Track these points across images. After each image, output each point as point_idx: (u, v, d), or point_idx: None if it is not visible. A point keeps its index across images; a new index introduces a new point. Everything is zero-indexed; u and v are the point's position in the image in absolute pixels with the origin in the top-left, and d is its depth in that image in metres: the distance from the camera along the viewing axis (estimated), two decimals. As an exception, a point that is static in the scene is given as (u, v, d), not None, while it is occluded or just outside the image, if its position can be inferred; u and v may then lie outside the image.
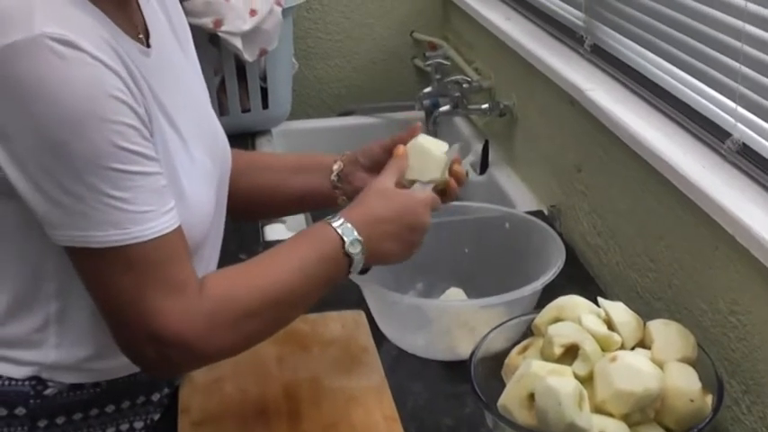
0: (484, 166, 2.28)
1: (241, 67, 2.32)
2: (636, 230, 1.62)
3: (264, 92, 2.40)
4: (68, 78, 1.04)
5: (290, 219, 2.05)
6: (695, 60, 1.53)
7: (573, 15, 2.02)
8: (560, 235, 1.62)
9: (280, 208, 1.61)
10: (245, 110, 2.39)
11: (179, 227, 1.14)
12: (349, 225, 1.24)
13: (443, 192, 1.37)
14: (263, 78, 2.39)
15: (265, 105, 2.41)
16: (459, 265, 1.65)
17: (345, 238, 1.23)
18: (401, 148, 1.37)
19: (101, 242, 1.07)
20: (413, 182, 1.34)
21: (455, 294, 1.60)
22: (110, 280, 1.10)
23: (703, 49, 1.50)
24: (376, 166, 1.40)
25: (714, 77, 1.47)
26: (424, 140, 1.37)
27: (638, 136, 1.54)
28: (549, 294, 1.40)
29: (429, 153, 1.35)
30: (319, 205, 1.51)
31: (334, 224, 1.24)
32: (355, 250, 1.24)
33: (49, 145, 1.04)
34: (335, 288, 1.28)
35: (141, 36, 1.25)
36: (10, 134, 1.05)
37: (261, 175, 1.52)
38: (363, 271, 1.29)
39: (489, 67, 2.42)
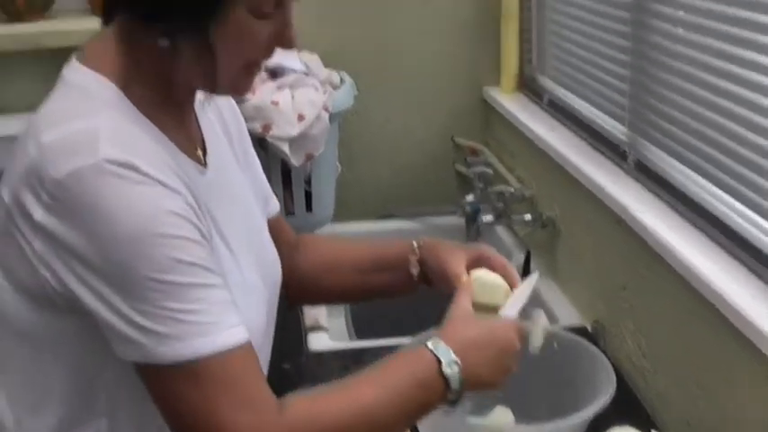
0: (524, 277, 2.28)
1: (287, 170, 2.36)
2: (683, 355, 1.61)
3: (308, 195, 2.43)
4: (128, 198, 1.07)
5: (333, 328, 2.07)
6: (741, 185, 1.55)
7: (616, 129, 2.05)
8: (604, 352, 1.61)
9: (360, 301, 1.67)
10: (290, 213, 2.41)
11: (248, 343, 1.13)
12: (444, 345, 1.22)
13: None
14: (308, 181, 2.42)
15: (309, 208, 2.44)
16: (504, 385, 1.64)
17: (442, 359, 1.20)
18: (465, 276, 1.37)
19: (166, 358, 1.08)
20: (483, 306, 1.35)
21: (502, 414, 1.58)
22: (179, 395, 1.10)
23: (749, 175, 1.52)
24: (442, 279, 1.41)
25: (762, 206, 1.48)
26: (485, 273, 1.38)
27: (685, 261, 1.55)
28: (595, 419, 1.39)
29: (492, 283, 1.37)
30: (399, 296, 1.52)
31: (429, 345, 1.22)
32: (452, 371, 1.20)
33: (112, 263, 1.07)
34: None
35: (199, 153, 1.28)
36: (75, 254, 1.07)
37: (342, 276, 1.52)
38: (453, 402, 1.23)
39: (531, 176, 2.44)
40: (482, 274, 1.38)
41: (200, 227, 1.13)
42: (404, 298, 1.94)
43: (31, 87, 2.63)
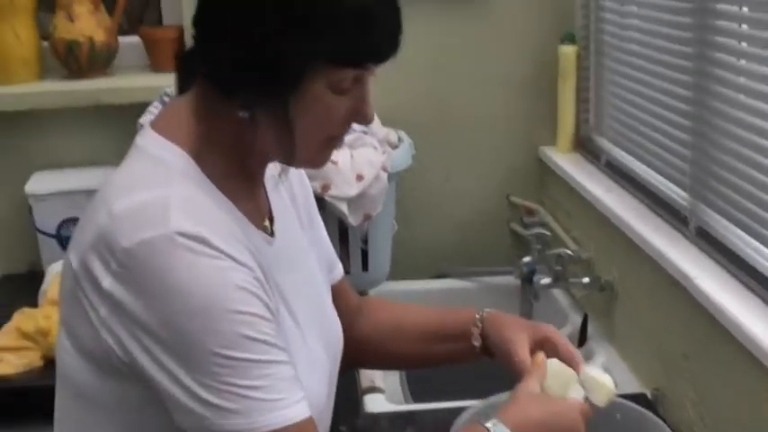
0: (582, 339, 2.27)
1: (344, 228, 2.36)
2: (747, 428, 1.59)
3: (365, 254, 2.44)
4: (198, 271, 1.08)
5: (388, 390, 2.06)
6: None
7: (677, 194, 2.03)
8: (664, 420, 1.59)
9: (418, 368, 1.71)
10: (346, 272, 2.40)
11: (310, 418, 1.13)
12: (503, 426, 1.22)
13: None
14: (365, 240, 2.43)
15: (365, 267, 2.44)
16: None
17: None
18: (540, 355, 1.35)
19: (229, 431, 1.08)
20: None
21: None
22: None
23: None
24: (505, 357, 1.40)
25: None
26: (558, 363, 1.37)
27: (748, 332, 1.53)
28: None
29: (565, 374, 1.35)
30: (463, 363, 1.51)
31: (488, 425, 1.22)
32: None
33: (179, 337, 1.07)
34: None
35: (267, 224, 1.29)
36: (141, 323, 1.08)
37: (405, 343, 1.53)
38: None
39: (588, 237, 2.43)
40: (555, 364, 1.35)
41: (268, 302, 1.14)
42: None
43: (91, 143, 2.69)
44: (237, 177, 1.23)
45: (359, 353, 1.52)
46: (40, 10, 2.69)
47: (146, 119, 2.29)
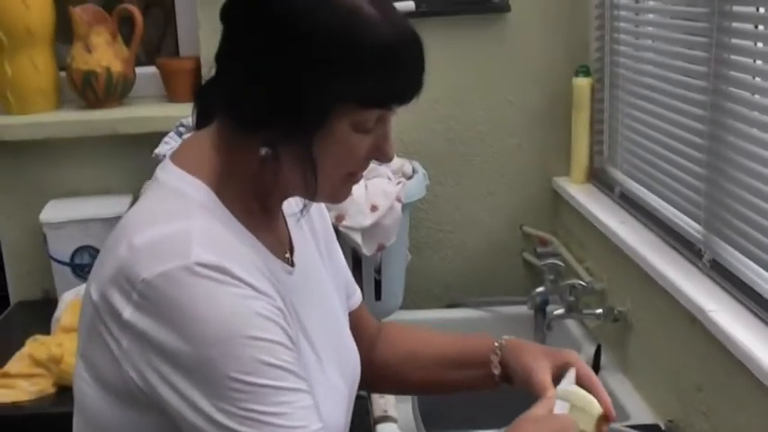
0: (595, 370, 2.25)
1: (357, 258, 2.37)
2: (764, 463, 1.58)
3: (378, 283, 2.44)
4: (218, 299, 1.08)
5: (402, 418, 2.06)
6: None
7: (691, 228, 2.03)
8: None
9: (436, 394, 1.69)
10: (359, 301, 2.42)
11: None
12: None
13: None
14: (378, 270, 2.43)
15: (378, 297, 2.44)
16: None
17: None
18: (551, 391, 1.34)
19: None
20: None
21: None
22: None
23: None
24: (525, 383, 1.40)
25: None
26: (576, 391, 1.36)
27: (765, 367, 1.52)
28: None
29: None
30: (477, 391, 1.51)
31: None
32: None
33: (200, 363, 1.07)
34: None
35: (287, 255, 1.30)
36: (162, 352, 1.09)
37: (424, 370, 1.52)
38: None
39: (601, 268, 2.42)
40: (574, 389, 1.34)
41: (289, 331, 1.14)
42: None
43: (106, 172, 2.71)
44: (258, 210, 1.24)
45: (377, 378, 1.53)
46: (57, 41, 2.72)
47: (161, 149, 2.30)
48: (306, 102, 1.13)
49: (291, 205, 1.34)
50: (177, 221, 1.13)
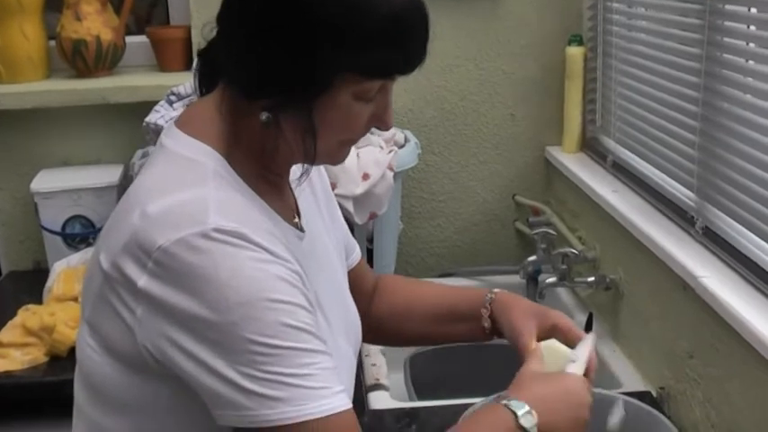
0: (587, 339, 2.26)
1: (349, 227, 2.35)
2: (756, 429, 1.58)
3: (370, 252, 2.43)
4: (238, 263, 1.08)
5: (392, 387, 2.06)
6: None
7: (684, 195, 2.03)
8: (669, 418, 1.59)
9: (433, 345, 1.74)
10: (351, 269, 2.42)
11: (351, 408, 1.13)
12: (519, 400, 1.22)
13: None
14: (370, 239, 2.43)
15: (370, 266, 2.43)
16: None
17: (517, 411, 1.21)
18: (535, 344, 1.37)
19: (275, 420, 1.07)
20: None
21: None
22: None
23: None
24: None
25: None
26: (554, 343, 1.38)
27: (756, 332, 1.53)
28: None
29: (561, 353, 1.36)
30: (470, 341, 1.54)
31: (504, 401, 1.23)
32: (528, 423, 1.21)
33: (221, 328, 1.07)
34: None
35: (296, 220, 1.30)
36: (180, 319, 1.08)
37: (418, 323, 1.55)
38: None
39: (594, 238, 2.42)
40: (551, 343, 1.38)
41: (307, 294, 1.14)
42: (463, 359, 1.95)
43: (97, 141, 2.70)
44: (266, 175, 1.24)
45: (375, 331, 1.55)
46: (47, 9, 2.70)
47: (152, 118, 2.29)
48: (309, 70, 1.12)
49: (293, 170, 1.33)
50: (192, 188, 1.12)
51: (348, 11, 1.11)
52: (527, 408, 1.22)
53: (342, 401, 1.11)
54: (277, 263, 1.11)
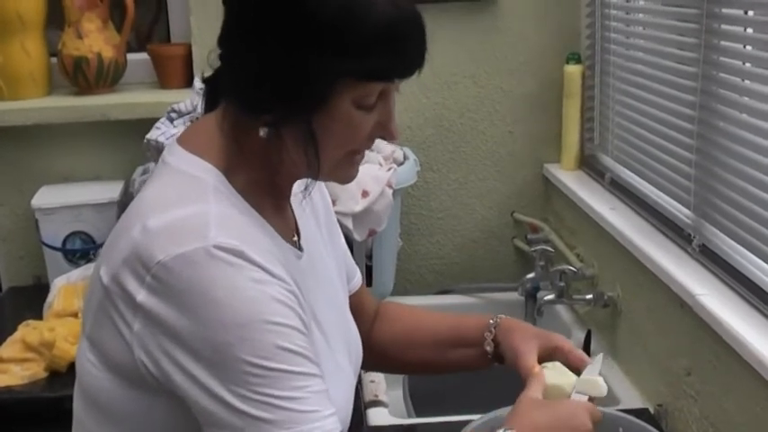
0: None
1: (349, 244, 2.36)
2: (752, 446, 1.59)
3: (369, 269, 2.44)
4: (236, 284, 1.08)
5: (392, 404, 2.06)
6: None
7: (681, 213, 2.04)
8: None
9: (434, 374, 1.72)
10: (350, 287, 2.42)
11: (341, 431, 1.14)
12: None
13: None
14: (369, 256, 2.44)
15: (369, 283, 2.45)
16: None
17: None
18: (537, 367, 1.37)
19: None
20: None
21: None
22: None
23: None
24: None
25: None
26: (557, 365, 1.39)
27: (754, 351, 1.53)
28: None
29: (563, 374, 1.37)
30: (476, 370, 1.53)
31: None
32: None
33: (216, 347, 1.07)
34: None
35: (295, 238, 1.30)
36: (176, 336, 1.08)
37: (421, 350, 1.55)
38: None
39: (592, 254, 2.43)
40: (554, 365, 1.38)
41: (302, 315, 1.15)
42: (462, 375, 1.95)
43: (98, 158, 2.71)
44: (266, 193, 1.24)
45: (374, 357, 1.54)
46: (49, 26, 2.71)
47: (153, 135, 2.30)
48: (307, 80, 1.13)
49: (294, 189, 1.34)
50: (193, 204, 1.13)
51: (344, 16, 1.11)
52: None
53: (331, 425, 1.12)
54: (274, 283, 1.11)
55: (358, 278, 1.55)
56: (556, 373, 1.37)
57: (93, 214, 2.54)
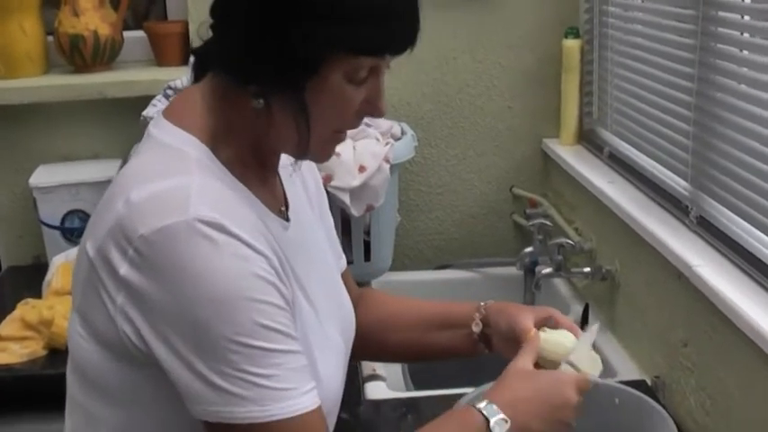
0: (583, 328, 2.26)
1: (346, 219, 2.37)
2: (752, 417, 1.59)
3: (367, 245, 2.44)
4: (217, 260, 1.08)
5: (389, 377, 2.07)
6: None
7: (678, 185, 2.04)
8: (664, 407, 1.59)
9: (421, 360, 1.68)
10: (348, 262, 2.40)
11: (319, 407, 1.14)
12: (493, 406, 1.24)
13: None
14: (367, 231, 2.43)
15: (368, 258, 2.45)
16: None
17: (490, 418, 1.23)
18: (534, 330, 1.38)
19: (240, 418, 1.09)
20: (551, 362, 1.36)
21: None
22: None
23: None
24: (508, 337, 1.43)
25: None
26: (552, 331, 1.40)
27: (750, 320, 1.53)
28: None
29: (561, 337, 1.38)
30: (461, 357, 1.54)
31: (478, 405, 1.24)
32: (500, 430, 1.23)
33: (195, 323, 1.07)
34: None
35: (282, 209, 1.30)
36: (157, 310, 1.08)
37: (406, 334, 1.55)
38: None
39: (590, 229, 2.43)
40: (550, 329, 1.39)
41: (284, 291, 1.14)
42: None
43: (95, 136, 2.71)
44: (252, 165, 1.24)
45: (360, 344, 1.52)
46: (45, 5, 2.71)
47: (149, 111, 2.30)
48: (298, 49, 1.12)
49: (283, 158, 1.33)
50: (175, 177, 1.12)
51: None
52: (501, 415, 1.23)
53: (308, 402, 1.12)
54: (256, 258, 1.11)
55: (343, 262, 1.54)
56: (553, 337, 1.37)
57: (92, 193, 2.54)
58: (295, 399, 1.11)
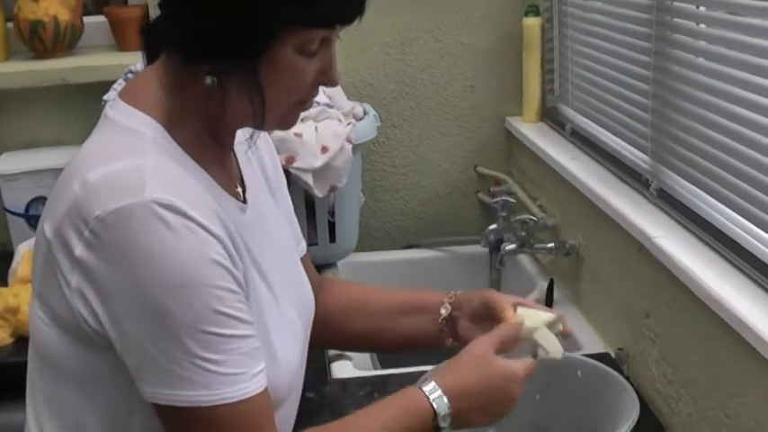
0: (549, 304, 2.29)
1: (310, 201, 2.37)
2: (710, 383, 1.61)
3: (332, 226, 2.45)
4: (173, 244, 1.07)
5: (356, 356, 2.08)
6: (762, 212, 1.55)
7: (638, 158, 2.06)
8: (628, 379, 1.62)
9: (385, 348, 1.68)
10: (312, 243, 2.42)
11: (266, 388, 1.15)
12: (445, 399, 1.26)
13: None
14: (331, 212, 2.44)
15: (332, 239, 2.45)
16: (530, 411, 1.64)
17: (439, 412, 1.26)
18: (515, 317, 1.40)
19: (189, 401, 1.09)
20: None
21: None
22: None
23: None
24: (478, 318, 1.45)
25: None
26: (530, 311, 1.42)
27: (708, 289, 1.55)
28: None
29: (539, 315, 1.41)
30: (426, 346, 1.54)
31: (431, 396, 1.27)
32: (445, 424, 1.26)
33: (150, 307, 1.07)
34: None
35: (239, 190, 1.30)
36: (112, 293, 1.08)
37: (371, 319, 1.55)
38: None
39: (554, 205, 2.45)
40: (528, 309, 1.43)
41: (237, 276, 1.14)
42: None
43: (58, 122, 2.69)
44: (208, 145, 1.23)
45: (323, 332, 1.52)
46: (4, -9, 2.69)
47: (110, 96, 2.29)
48: (249, 26, 1.12)
49: (239, 136, 1.33)
50: (130, 158, 1.12)
51: None
52: (448, 410, 1.26)
53: (256, 384, 1.13)
54: (211, 243, 1.11)
55: (303, 246, 1.54)
56: (530, 311, 1.40)
57: (56, 179, 2.45)
58: (245, 383, 1.12)
